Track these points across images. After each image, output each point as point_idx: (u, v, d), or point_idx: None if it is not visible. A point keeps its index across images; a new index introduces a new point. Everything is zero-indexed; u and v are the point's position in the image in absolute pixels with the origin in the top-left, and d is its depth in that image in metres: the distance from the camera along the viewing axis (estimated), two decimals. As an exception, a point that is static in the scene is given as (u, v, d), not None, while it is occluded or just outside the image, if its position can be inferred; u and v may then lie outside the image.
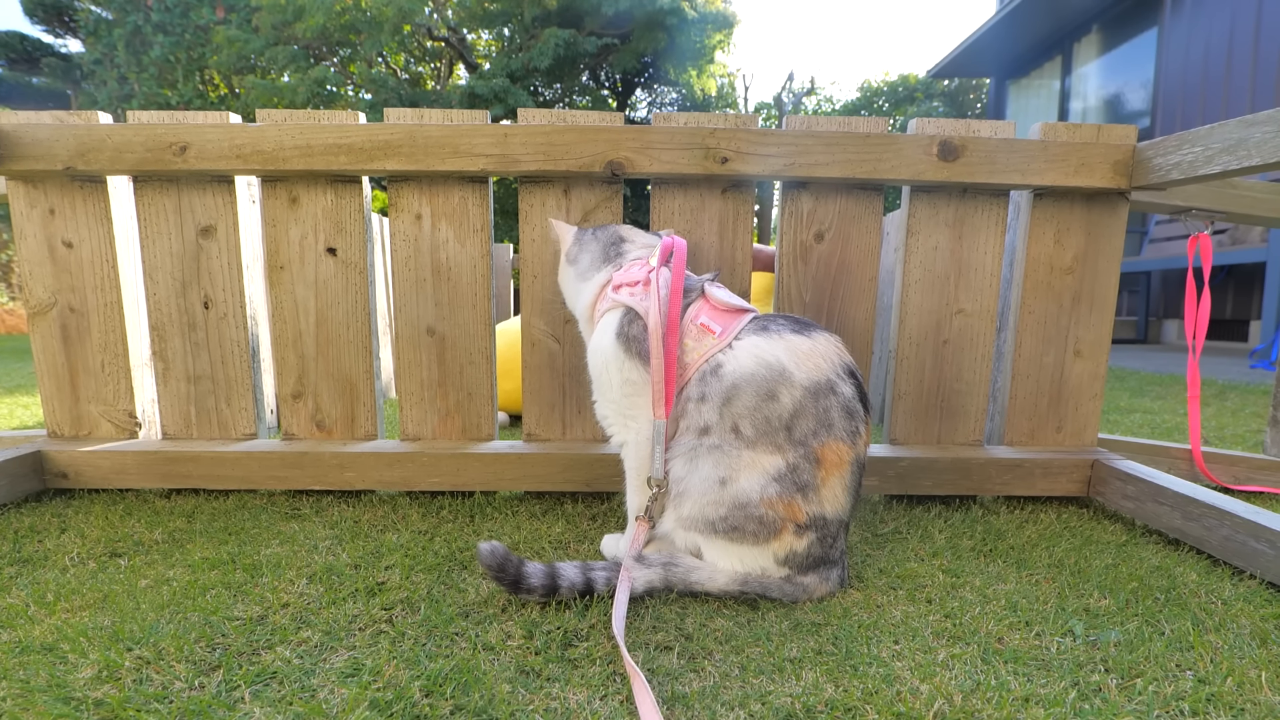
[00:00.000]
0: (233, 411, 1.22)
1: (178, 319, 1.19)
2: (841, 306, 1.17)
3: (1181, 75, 5.67)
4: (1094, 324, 1.19)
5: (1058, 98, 7.64)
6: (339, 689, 0.61)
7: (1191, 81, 5.55)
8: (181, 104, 8.91)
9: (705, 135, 1.06)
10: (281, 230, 1.16)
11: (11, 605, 0.76)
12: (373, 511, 1.10)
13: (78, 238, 1.17)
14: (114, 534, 0.99)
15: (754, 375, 0.77)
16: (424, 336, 1.18)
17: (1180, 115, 5.64)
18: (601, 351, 0.87)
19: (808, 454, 0.77)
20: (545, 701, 0.59)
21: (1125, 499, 1.08)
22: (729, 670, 0.64)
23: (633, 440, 0.85)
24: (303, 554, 0.92)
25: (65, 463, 1.16)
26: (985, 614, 0.75)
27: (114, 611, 0.75)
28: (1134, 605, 0.78)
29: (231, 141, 1.08)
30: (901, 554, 0.94)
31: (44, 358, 1.20)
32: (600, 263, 0.94)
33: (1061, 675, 0.63)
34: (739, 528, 0.76)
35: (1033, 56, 8.01)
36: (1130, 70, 6.53)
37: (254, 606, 0.77)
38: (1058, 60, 7.69)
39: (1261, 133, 0.86)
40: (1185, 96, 5.61)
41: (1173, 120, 5.73)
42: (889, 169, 1.08)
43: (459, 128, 1.07)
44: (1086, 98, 7.26)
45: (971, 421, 1.21)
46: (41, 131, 1.08)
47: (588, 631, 0.71)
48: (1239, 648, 0.68)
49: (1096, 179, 1.09)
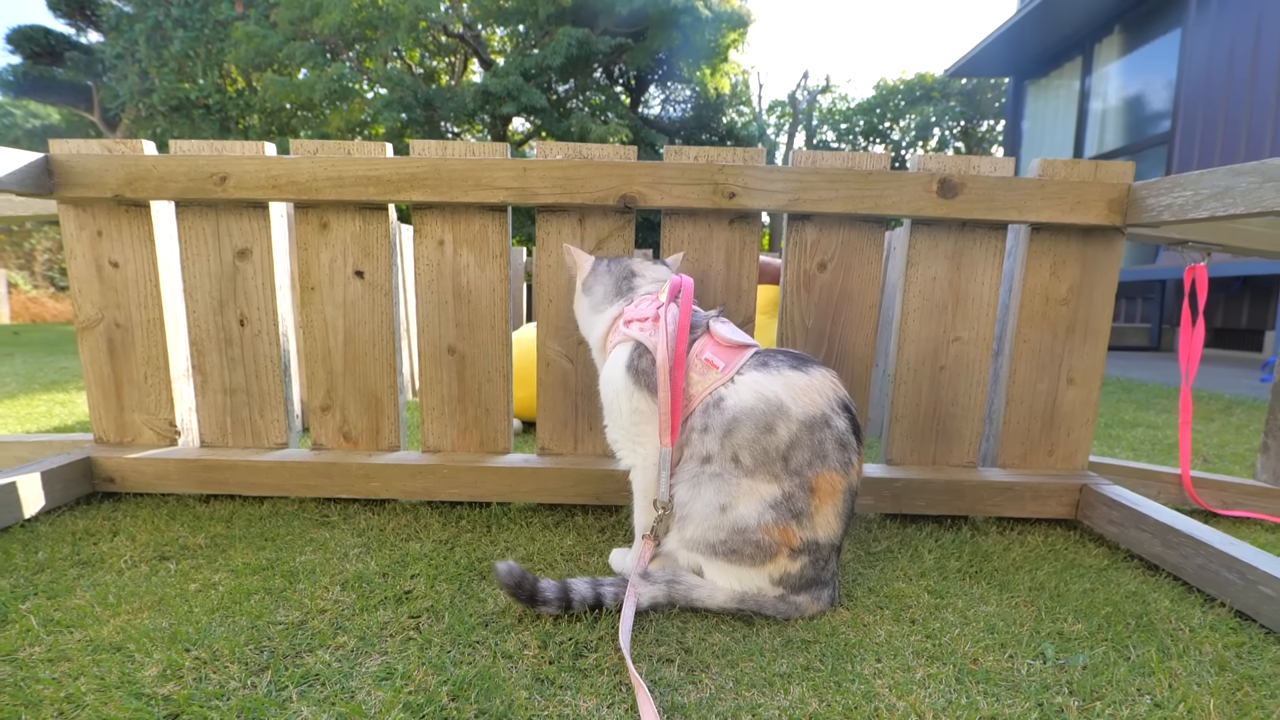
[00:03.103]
0: (266, 422, 1.30)
1: (215, 335, 1.27)
2: (843, 333, 1.23)
3: (1205, 78, 5.61)
4: (1087, 353, 1.24)
5: (1077, 98, 7.56)
6: (375, 691, 0.68)
7: (1215, 85, 5.49)
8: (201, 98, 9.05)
9: (714, 171, 1.12)
10: (312, 254, 1.23)
11: (79, 606, 0.84)
12: (396, 520, 1.18)
13: (123, 258, 1.25)
14: (161, 538, 1.07)
15: (753, 409, 0.83)
16: (445, 355, 1.25)
17: (1202, 119, 5.59)
18: (613, 382, 0.93)
19: (803, 483, 0.83)
20: (559, 708, 0.66)
21: (1110, 524, 1.13)
22: (724, 683, 0.71)
23: (640, 464, 0.92)
24: (334, 561, 1.00)
25: (113, 468, 1.25)
26: (964, 635, 0.81)
27: (170, 614, 0.83)
28: (1105, 630, 0.84)
29: (268, 173, 1.15)
30: (891, 573, 1.00)
31: (91, 369, 1.29)
32: (613, 296, 1.01)
33: (1028, 696, 0.69)
34: (737, 551, 0.83)
35: (1053, 56, 7.93)
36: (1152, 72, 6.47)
37: (294, 612, 0.84)
38: (1078, 61, 7.61)
39: (1246, 182, 0.90)
40: (1208, 100, 5.56)
41: (1194, 124, 5.68)
42: (890, 205, 1.13)
43: (481, 161, 1.13)
44: (1107, 98, 7.19)
45: (966, 444, 1.26)
46: (92, 162, 1.16)
47: (596, 643, 0.78)
48: (1198, 674, 0.74)
49: (1092, 216, 1.14)
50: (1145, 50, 6.59)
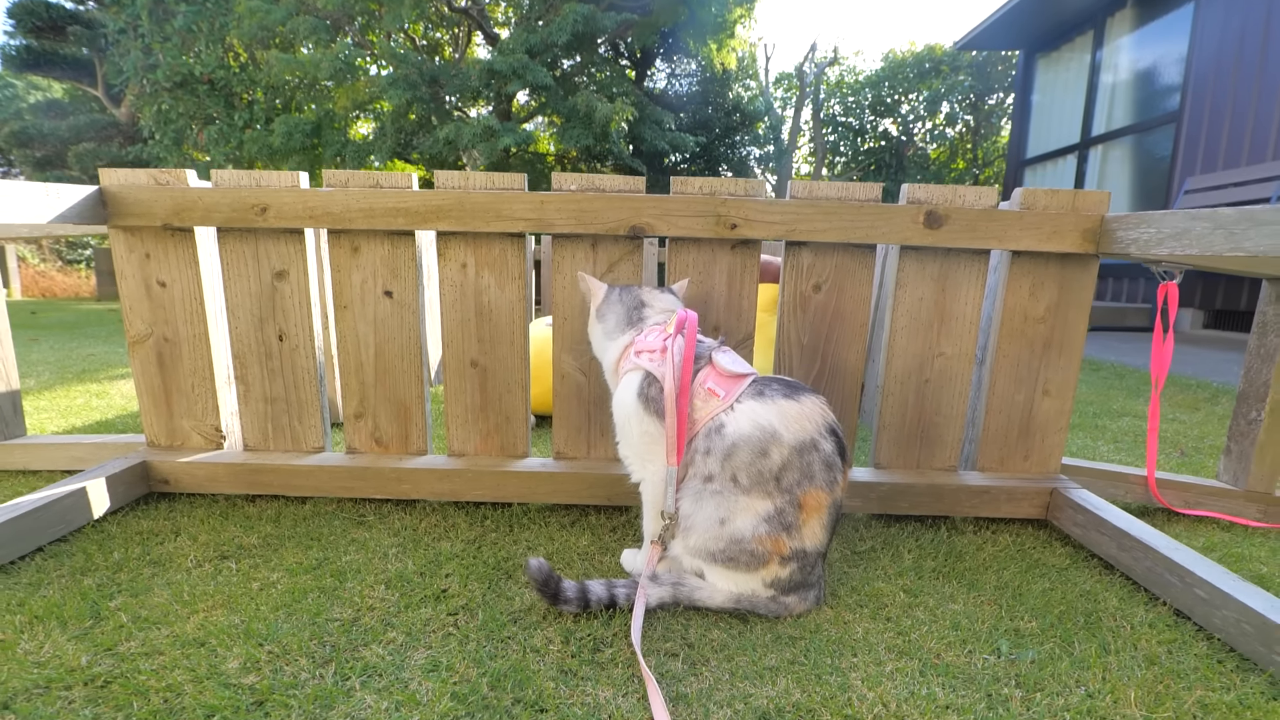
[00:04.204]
0: (304, 428, 1.41)
1: (256, 349, 1.38)
2: (835, 349, 1.32)
3: (1216, 56, 5.56)
4: (1062, 366, 1.33)
5: (1088, 72, 7.47)
6: (425, 681, 0.81)
7: (1225, 64, 5.44)
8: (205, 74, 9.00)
9: (717, 204, 1.21)
10: (345, 275, 1.33)
11: (161, 604, 0.97)
12: (427, 519, 1.30)
13: (170, 278, 1.35)
14: (218, 538, 1.20)
15: (750, 436, 0.94)
16: (468, 368, 1.36)
17: (1211, 98, 5.55)
18: (624, 406, 1.04)
19: (792, 500, 0.94)
20: (581, 697, 0.79)
21: (1075, 526, 1.24)
22: (721, 675, 0.83)
23: (649, 479, 1.03)
24: (376, 561, 1.12)
25: (168, 471, 1.37)
26: (931, 632, 0.93)
27: (241, 611, 0.95)
28: (1056, 627, 0.95)
29: (305, 204, 1.24)
30: (872, 573, 1.12)
31: (143, 379, 1.40)
32: (625, 326, 1.11)
33: (980, 688, 0.81)
34: (734, 559, 0.94)
35: (1064, 30, 7.80)
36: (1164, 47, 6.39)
37: (347, 609, 0.97)
38: (1089, 35, 7.49)
39: (1201, 227, 0.99)
40: (1217, 78, 5.51)
41: (1202, 103, 5.64)
42: (880, 235, 1.22)
43: (501, 194, 1.22)
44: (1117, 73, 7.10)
45: (948, 449, 1.37)
46: (144, 194, 1.25)
47: (612, 639, 0.90)
48: (1129, 668, 0.85)
49: (1067, 245, 1.22)
50: (1157, 25, 6.50)
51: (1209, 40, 5.61)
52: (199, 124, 9.42)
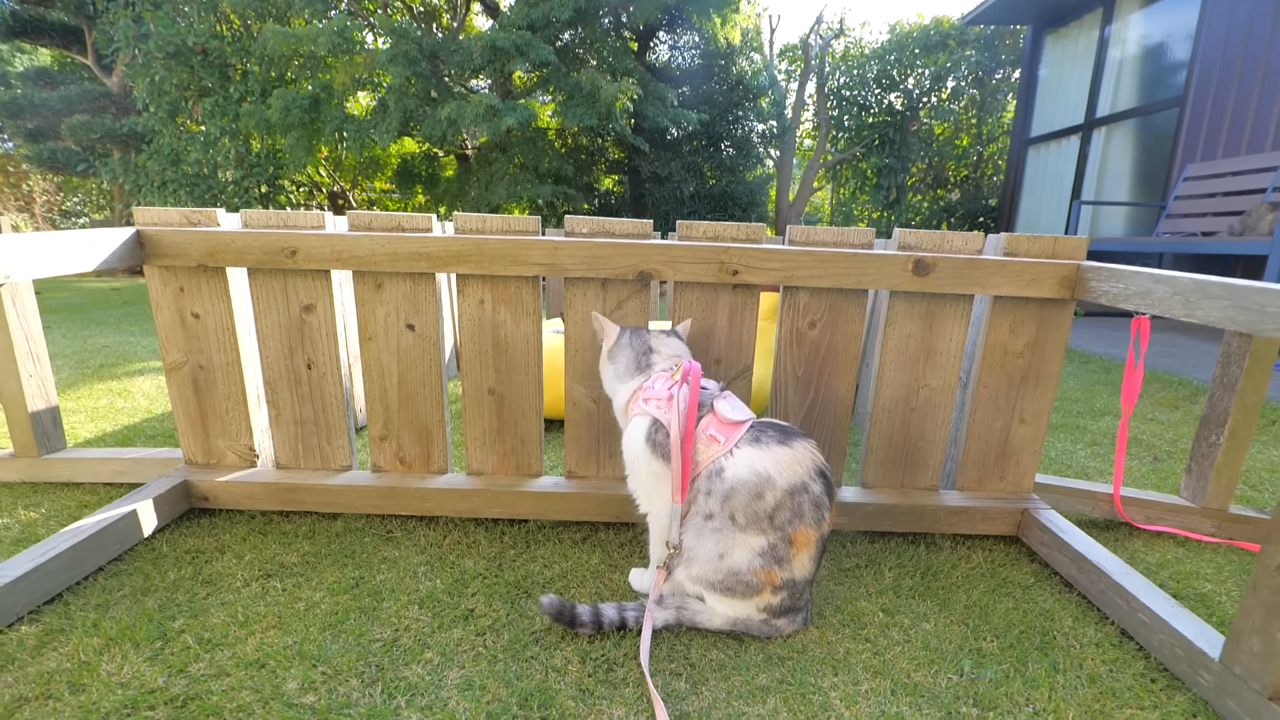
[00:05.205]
0: (333, 448, 1.52)
1: (286, 376, 1.47)
2: (828, 381, 1.42)
3: (1223, 43, 5.52)
4: (1038, 397, 1.44)
5: (1095, 48, 7.38)
6: (461, 701, 0.93)
7: (1231, 51, 5.41)
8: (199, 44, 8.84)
9: (720, 253, 1.29)
10: (369, 309, 1.42)
11: (219, 625, 1.09)
12: (450, 536, 1.42)
13: (203, 310, 1.44)
14: (261, 556, 1.31)
15: (747, 481, 1.04)
16: (486, 395, 1.46)
17: (1215, 85, 5.53)
18: (634, 447, 1.14)
19: (784, 536, 1.05)
20: (598, 715, 0.91)
21: (1042, 545, 1.36)
22: (719, 695, 0.96)
23: (656, 513, 1.14)
24: (408, 580, 1.24)
25: (207, 489, 1.48)
26: (904, 652, 1.06)
27: (292, 633, 1.07)
28: (1015, 647, 1.08)
29: (332, 248, 1.32)
30: (855, 591, 1.24)
31: (180, 404, 1.50)
32: (634, 371, 1.21)
33: (942, 706, 0.94)
34: (732, 588, 1.06)
35: (1073, 6, 7.68)
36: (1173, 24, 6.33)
37: (387, 629, 1.09)
38: (1099, 11, 7.38)
39: (1162, 290, 1.08)
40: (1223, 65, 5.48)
41: (1207, 89, 5.62)
42: (871, 281, 1.30)
43: (518, 241, 1.30)
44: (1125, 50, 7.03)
45: (929, 471, 1.48)
46: (179, 236, 1.33)
47: (623, 659, 1.03)
48: (1073, 686, 0.98)
49: (1045, 291, 1.31)
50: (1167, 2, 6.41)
51: (1216, 27, 5.56)
52: (193, 96, 9.29)
